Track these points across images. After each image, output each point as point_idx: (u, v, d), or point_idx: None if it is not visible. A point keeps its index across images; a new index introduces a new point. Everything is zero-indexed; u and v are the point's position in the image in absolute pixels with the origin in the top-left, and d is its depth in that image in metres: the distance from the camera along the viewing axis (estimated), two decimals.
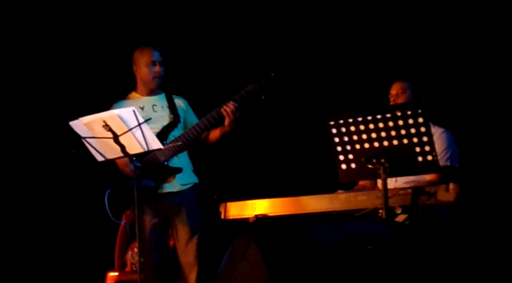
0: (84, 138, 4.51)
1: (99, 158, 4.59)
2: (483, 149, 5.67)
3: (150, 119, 4.64)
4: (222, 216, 4.73)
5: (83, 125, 4.48)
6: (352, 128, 4.22)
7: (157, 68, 4.96)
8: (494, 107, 5.73)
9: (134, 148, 4.50)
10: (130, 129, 4.43)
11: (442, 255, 4.02)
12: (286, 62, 6.08)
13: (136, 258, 5.10)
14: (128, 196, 4.76)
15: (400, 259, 3.63)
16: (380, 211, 4.15)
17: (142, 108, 4.95)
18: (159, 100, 5.03)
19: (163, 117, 4.99)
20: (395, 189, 4.34)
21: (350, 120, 4.21)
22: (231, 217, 4.65)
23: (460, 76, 5.81)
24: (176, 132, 4.96)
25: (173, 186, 4.91)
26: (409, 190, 4.24)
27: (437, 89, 5.55)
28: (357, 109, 4.24)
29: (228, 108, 4.76)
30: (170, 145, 4.84)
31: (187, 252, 4.88)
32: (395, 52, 5.97)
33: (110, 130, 4.44)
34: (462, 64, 5.82)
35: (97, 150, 4.55)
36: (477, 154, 5.55)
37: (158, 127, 4.92)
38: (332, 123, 4.25)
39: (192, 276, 4.88)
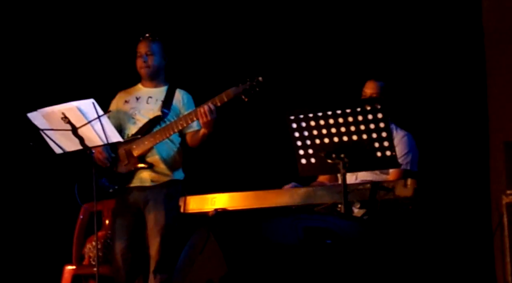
0: (43, 130, 4.48)
1: (58, 151, 4.56)
2: (440, 147, 5.74)
3: (110, 111, 4.70)
4: (182, 210, 4.73)
5: (41, 117, 4.45)
6: (312, 123, 4.23)
7: (138, 60, 4.99)
8: (448, 106, 5.79)
9: (93, 140, 4.48)
10: (89, 122, 4.40)
11: (399, 249, 4.05)
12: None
13: (95, 251, 5.07)
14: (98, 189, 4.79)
15: (358, 253, 3.66)
16: (339, 205, 4.18)
17: (137, 99, 4.99)
18: (157, 93, 5.00)
19: (152, 110, 4.94)
20: (354, 184, 4.37)
21: (310, 115, 4.23)
22: (190, 211, 4.65)
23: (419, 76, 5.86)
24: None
25: (143, 180, 4.89)
26: (368, 185, 4.27)
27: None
28: (317, 104, 4.26)
29: (202, 109, 4.72)
30: (134, 137, 4.85)
31: (151, 245, 4.89)
32: (358, 50, 5.98)
33: (69, 122, 4.42)
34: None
35: (55, 143, 4.52)
36: (434, 152, 5.60)
37: (145, 119, 4.91)
38: (292, 117, 4.26)
39: (151, 269, 4.89)
